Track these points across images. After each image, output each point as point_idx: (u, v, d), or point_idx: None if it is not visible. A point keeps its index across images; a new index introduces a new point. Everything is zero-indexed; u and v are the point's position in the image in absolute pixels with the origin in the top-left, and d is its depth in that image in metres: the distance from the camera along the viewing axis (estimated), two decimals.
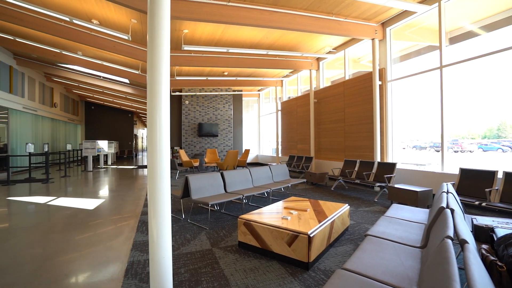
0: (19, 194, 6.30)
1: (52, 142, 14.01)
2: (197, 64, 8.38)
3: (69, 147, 13.65)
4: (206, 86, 12.24)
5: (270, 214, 3.16)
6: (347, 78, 8.21)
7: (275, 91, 12.55)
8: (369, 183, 5.85)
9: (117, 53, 7.79)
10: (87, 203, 5.32)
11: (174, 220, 4.09)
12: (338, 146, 8.37)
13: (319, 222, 2.82)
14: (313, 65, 9.41)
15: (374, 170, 6.25)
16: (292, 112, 11.14)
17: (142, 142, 32.36)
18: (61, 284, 2.33)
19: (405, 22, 6.31)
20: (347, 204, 3.66)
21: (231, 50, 7.48)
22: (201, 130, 12.16)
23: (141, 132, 30.47)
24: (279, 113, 12.26)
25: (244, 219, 2.99)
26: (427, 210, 3.31)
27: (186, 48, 7.04)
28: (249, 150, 10.89)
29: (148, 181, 1.78)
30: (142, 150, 32.19)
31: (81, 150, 15.06)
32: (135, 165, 14.24)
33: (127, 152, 21.05)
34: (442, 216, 1.89)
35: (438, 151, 5.62)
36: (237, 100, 13.88)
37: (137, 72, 10.02)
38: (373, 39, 6.75)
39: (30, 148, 10.01)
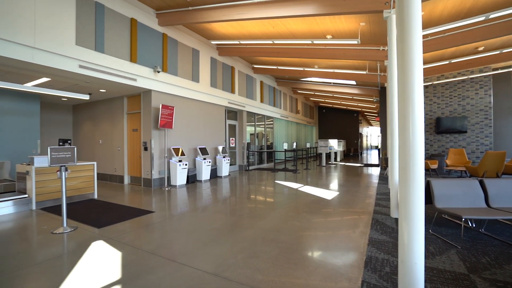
0: (280, 179, 8.67)
1: (296, 141, 17.88)
2: (436, 47, 7.02)
3: (308, 145, 16.74)
4: (447, 72, 9.93)
5: None
6: None
7: None
8: None
9: (346, 59, 8.42)
10: (325, 193, 6.22)
11: None
12: None
13: None
14: None
15: None
16: None
17: (367, 140, 32.60)
18: (313, 255, 2.90)
19: None
20: None
21: (493, 15, 5.50)
22: (439, 126, 10.08)
23: (365, 131, 30.79)
24: None
25: None
26: None
27: (423, 33, 6.14)
28: None
29: (399, 183, 1.75)
30: (367, 149, 32.43)
31: (316, 147, 17.98)
32: (361, 163, 14.62)
33: (353, 150, 22.15)
34: None
35: None
36: (500, 81, 9.99)
37: (364, 72, 10.21)
38: None
39: (285, 146, 13.38)
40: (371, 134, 38.45)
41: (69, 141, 5.59)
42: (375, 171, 10.75)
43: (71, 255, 2.95)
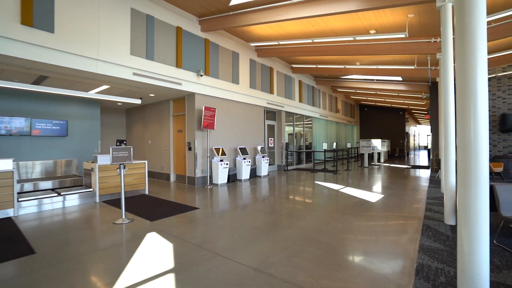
0: (319, 180, 8.48)
1: (336, 141, 17.28)
2: (502, 35, 6.20)
3: (348, 145, 16.07)
4: None
5: None
6: None
7: None
8: None
9: (391, 54, 7.91)
10: (369, 196, 5.94)
11: None
12: None
13: None
14: None
15: None
16: None
17: (415, 140, 30.15)
18: (357, 258, 2.80)
19: None
20: None
21: None
22: (506, 124, 8.92)
23: (413, 130, 28.49)
24: None
25: None
26: None
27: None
28: None
29: (458, 187, 1.63)
30: (415, 149, 29.99)
31: (357, 147, 17.17)
32: (408, 165, 13.59)
33: (398, 150, 20.68)
34: None
35: None
36: None
37: (413, 67, 9.48)
38: None
39: (324, 146, 13.05)
40: (419, 134, 35.46)
41: (124, 142, 6.20)
42: (425, 174, 9.91)
43: (130, 243, 3.28)
